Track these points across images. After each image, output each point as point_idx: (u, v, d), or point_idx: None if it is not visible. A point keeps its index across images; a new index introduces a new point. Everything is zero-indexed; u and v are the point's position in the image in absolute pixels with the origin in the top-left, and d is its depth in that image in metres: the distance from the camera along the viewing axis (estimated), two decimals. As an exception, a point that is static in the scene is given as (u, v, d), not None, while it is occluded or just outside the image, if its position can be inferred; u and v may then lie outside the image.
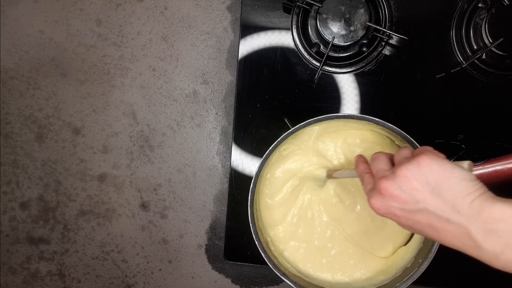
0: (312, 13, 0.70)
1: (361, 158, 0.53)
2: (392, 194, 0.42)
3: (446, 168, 0.40)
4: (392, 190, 0.42)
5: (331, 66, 0.72)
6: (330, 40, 0.68)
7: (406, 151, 0.46)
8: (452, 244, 0.40)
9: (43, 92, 0.80)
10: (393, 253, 0.64)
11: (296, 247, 0.65)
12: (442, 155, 0.42)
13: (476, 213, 0.38)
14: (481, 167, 0.55)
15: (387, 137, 0.64)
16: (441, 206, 0.40)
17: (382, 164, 0.46)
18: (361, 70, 0.72)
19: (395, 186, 0.42)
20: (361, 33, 0.69)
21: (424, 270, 0.59)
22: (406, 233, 0.64)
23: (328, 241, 0.65)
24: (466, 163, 0.42)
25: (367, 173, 0.49)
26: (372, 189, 0.45)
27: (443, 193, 0.40)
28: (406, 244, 0.64)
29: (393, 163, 0.47)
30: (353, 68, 0.72)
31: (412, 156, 0.43)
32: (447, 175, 0.40)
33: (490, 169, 0.55)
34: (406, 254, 0.63)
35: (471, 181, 0.39)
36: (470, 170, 0.41)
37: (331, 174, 0.62)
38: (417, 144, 0.59)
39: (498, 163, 0.55)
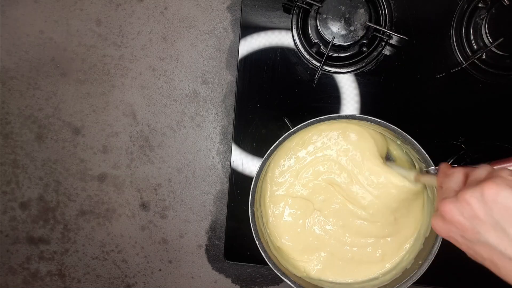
0: (312, 13, 0.70)
1: (444, 168, 0.49)
2: (452, 218, 0.40)
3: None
4: (453, 215, 0.40)
5: (331, 66, 0.72)
6: (330, 40, 0.68)
7: (483, 171, 0.42)
8: None
9: (43, 92, 0.80)
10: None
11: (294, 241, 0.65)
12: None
13: None
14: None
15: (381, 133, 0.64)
16: (505, 243, 0.37)
17: (453, 183, 0.43)
18: (361, 70, 0.72)
19: (456, 210, 0.39)
20: (361, 33, 0.69)
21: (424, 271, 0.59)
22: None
23: (328, 240, 0.65)
24: None
25: (441, 188, 0.46)
26: (437, 208, 0.43)
27: (508, 228, 0.37)
28: None
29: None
30: (353, 68, 0.72)
31: (483, 179, 0.40)
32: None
33: (491, 172, 0.55)
34: (406, 255, 0.63)
35: None
36: None
37: (419, 178, 0.59)
38: (417, 144, 0.59)
39: (500, 166, 0.54)
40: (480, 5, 0.68)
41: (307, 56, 0.72)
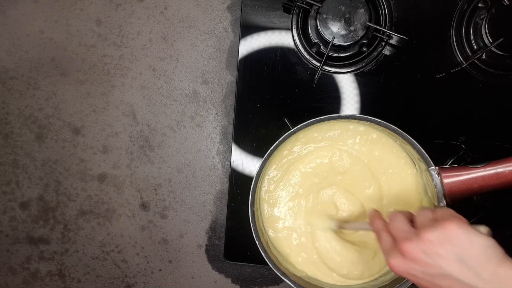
0: (312, 13, 0.70)
1: (376, 213, 0.53)
2: (415, 257, 0.42)
3: (472, 236, 0.40)
4: (415, 254, 0.42)
5: (331, 66, 0.72)
6: (330, 40, 0.68)
7: (428, 213, 0.45)
8: None
9: (43, 92, 0.80)
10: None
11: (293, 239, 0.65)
12: (466, 220, 0.42)
13: (500, 280, 0.39)
14: (482, 169, 0.55)
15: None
16: (466, 274, 0.40)
17: (402, 224, 0.46)
18: (361, 70, 0.72)
19: (419, 249, 0.42)
20: (361, 33, 0.69)
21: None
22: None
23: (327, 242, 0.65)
24: (483, 229, 0.42)
25: (384, 231, 0.48)
26: (391, 248, 0.45)
27: (469, 261, 0.40)
28: None
29: (411, 222, 0.46)
30: (353, 68, 0.72)
31: (437, 220, 0.43)
32: (473, 243, 0.40)
33: (491, 172, 0.54)
34: None
35: (495, 248, 0.40)
36: (489, 235, 0.42)
37: (342, 225, 0.61)
38: (417, 144, 0.59)
39: (500, 166, 0.54)
40: (480, 5, 0.68)
41: (307, 56, 0.72)
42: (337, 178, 0.64)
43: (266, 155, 0.61)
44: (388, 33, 0.69)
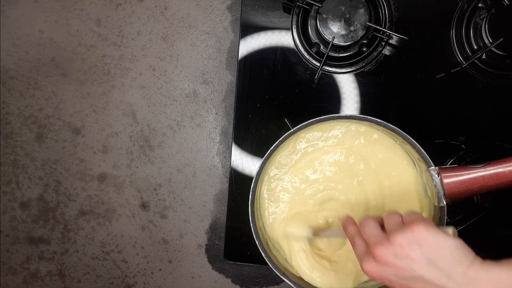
0: (312, 13, 0.70)
1: (349, 219, 0.53)
2: (387, 261, 0.43)
3: (440, 238, 0.41)
4: (387, 258, 0.43)
5: (331, 66, 0.72)
6: (330, 40, 0.68)
7: (396, 217, 0.47)
8: None
9: (43, 92, 0.80)
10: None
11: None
12: (433, 223, 0.43)
13: (470, 281, 0.40)
14: (482, 169, 0.55)
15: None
16: (437, 275, 0.41)
17: (373, 230, 0.47)
18: (361, 70, 0.72)
19: (390, 253, 0.43)
20: (361, 33, 0.69)
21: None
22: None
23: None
24: (451, 230, 0.44)
25: (358, 237, 0.49)
26: (365, 253, 0.46)
27: (438, 262, 0.41)
28: None
29: (382, 226, 0.47)
30: (353, 68, 0.72)
31: (405, 224, 0.44)
32: (441, 245, 0.41)
33: (491, 172, 0.54)
34: None
35: (463, 249, 0.41)
36: (455, 236, 0.43)
37: (317, 233, 0.61)
38: (417, 144, 0.59)
39: (500, 166, 0.54)
40: (480, 5, 0.68)
41: (307, 56, 0.72)
42: (339, 179, 0.64)
43: (266, 155, 0.61)
44: (388, 33, 0.69)
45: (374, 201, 0.63)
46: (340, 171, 0.63)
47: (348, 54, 0.71)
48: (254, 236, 0.61)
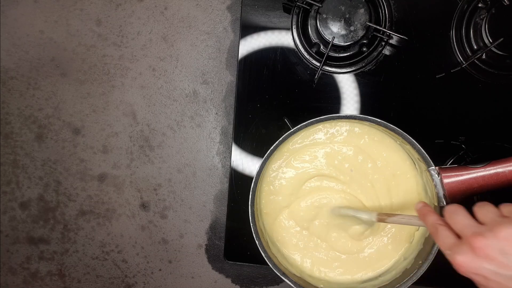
0: (312, 13, 0.70)
1: (427, 207, 0.49)
2: (489, 255, 0.38)
3: None
4: (489, 251, 0.38)
5: (331, 66, 0.72)
6: (330, 40, 0.68)
7: (493, 208, 0.42)
8: None
9: (43, 92, 0.80)
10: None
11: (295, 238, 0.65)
12: None
13: None
14: (482, 169, 0.55)
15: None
16: None
17: (466, 219, 0.42)
18: (361, 70, 0.72)
19: (494, 247, 0.38)
20: (361, 33, 0.69)
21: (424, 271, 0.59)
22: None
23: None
24: None
25: (443, 225, 0.44)
26: (456, 245, 0.41)
27: None
28: None
29: (474, 218, 0.43)
30: (353, 68, 0.72)
31: (508, 217, 0.40)
32: None
33: (491, 172, 0.54)
34: (407, 252, 0.63)
35: None
36: None
37: (383, 219, 0.57)
38: (417, 144, 0.59)
39: (500, 166, 0.54)
40: (480, 5, 0.68)
41: (307, 56, 0.72)
42: (342, 180, 0.64)
43: (266, 155, 0.61)
44: (388, 33, 0.69)
45: (383, 202, 0.63)
46: (350, 168, 0.64)
47: (348, 54, 0.71)
48: (254, 236, 0.61)
